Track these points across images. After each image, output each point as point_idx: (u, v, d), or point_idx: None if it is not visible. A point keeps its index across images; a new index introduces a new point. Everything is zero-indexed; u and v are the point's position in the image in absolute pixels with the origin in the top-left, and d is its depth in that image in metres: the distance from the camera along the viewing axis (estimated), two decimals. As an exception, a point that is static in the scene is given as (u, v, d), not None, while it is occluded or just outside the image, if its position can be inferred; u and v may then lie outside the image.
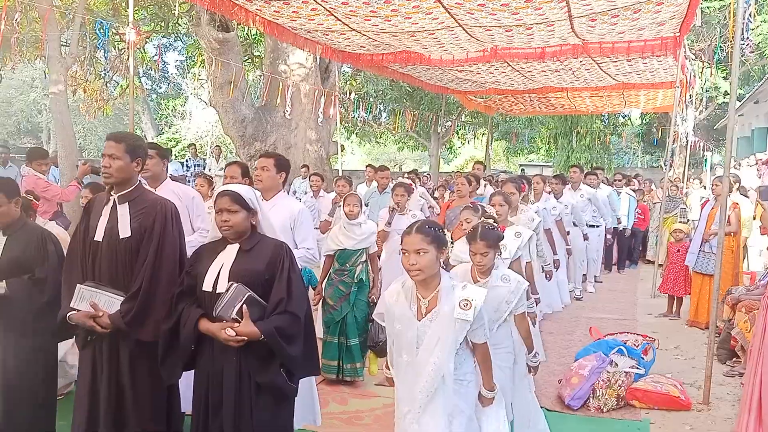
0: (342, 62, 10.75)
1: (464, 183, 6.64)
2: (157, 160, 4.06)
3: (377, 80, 17.59)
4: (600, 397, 4.57)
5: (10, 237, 3.38)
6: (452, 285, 2.70)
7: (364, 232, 5.13)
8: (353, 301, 5.05)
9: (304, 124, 12.55)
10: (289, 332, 2.74)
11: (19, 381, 3.32)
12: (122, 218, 3.03)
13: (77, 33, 9.25)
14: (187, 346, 2.83)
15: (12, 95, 29.09)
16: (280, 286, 2.77)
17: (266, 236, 2.94)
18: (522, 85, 11.20)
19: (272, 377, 2.76)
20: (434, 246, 2.61)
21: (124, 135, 3.16)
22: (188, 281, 2.88)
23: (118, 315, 2.94)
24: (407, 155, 34.25)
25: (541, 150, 24.80)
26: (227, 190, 2.85)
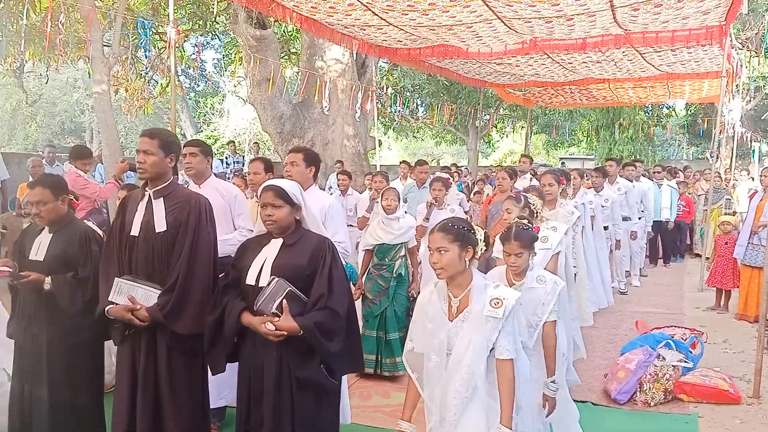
0: (379, 57, 10.74)
1: (505, 177, 6.55)
2: (200, 158, 4.08)
3: (414, 75, 17.52)
4: (647, 391, 4.49)
5: (56, 234, 3.42)
6: (484, 284, 2.62)
7: (403, 226, 5.12)
8: (392, 296, 5.06)
9: (341, 119, 12.58)
10: (328, 328, 2.73)
11: (64, 377, 3.36)
12: (158, 213, 3.07)
13: (119, 33, 9.43)
14: (230, 339, 2.86)
15: (56, 96, 29.88)
16: (321, 281, 2.77)
17: (310, 231, 2.94)
18: (562, 77, 11.01)
19: (312, 372, 2.76)
20: (457, 244, 2.54)
21: (158, 131, 3.19)
22: (234, 274, 2.91)
23: (155, 308, 2.97)
24: (445, 149, 34.04)
25: (582, 143, 24.36)
26: (272, 184, 2.86)
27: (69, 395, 3.36)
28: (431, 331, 2.66)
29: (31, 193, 3.37)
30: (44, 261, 3.35)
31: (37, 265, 3.33)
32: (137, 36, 9.27)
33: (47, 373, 3.33)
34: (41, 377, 3.33)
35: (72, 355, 3.37)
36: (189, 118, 27.43)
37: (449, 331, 2.61)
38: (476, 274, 2.65)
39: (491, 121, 20.45)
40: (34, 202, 3.34)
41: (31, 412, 3.34)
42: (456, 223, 2.64)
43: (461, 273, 2.59)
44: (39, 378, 3.33)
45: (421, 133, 25.52)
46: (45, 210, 3.35)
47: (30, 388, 3.34)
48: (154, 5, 12.87)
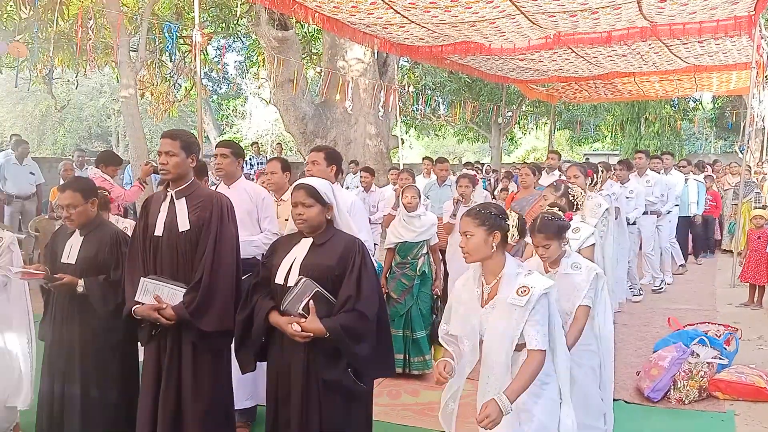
0: (400, 55, 10.73)
1: (528, 173, 6.51)
2: (231, 159, 4.09)
3: (435, 72, 17.46)
4: (681, 388, 4.40)
5: (87, 237, 3.45)
6: (516, 272, 2.55)
7: (424, 224, 5.09)
8: (417, 294, 5.03)
9: (363, 119, 12.59)
10: (356, 331, 2.67)
11: (95, 378, 3.39)
12: (180, 212, 3.10)
13: (145, 37, 9.55)
14: (258, 338, 2.84)
15: (83, 101, 30.36)
16: (349, 283, 2.72)
17: (341, 231, 2.89)
18: (587, 72, 10.89)
19: (339, 375, 2.70)
20: (483, 228, 2.52)
21: (179, 132, 3.23)
22: (263, 272, 2.90)
23: (181, 306, 2.99)
24: (467, 147, 33.89)
25: (607, 138, 24.05)
26: (303, 183, 2.84)
27: (100, 395, 3.38)
28: (464, 316, 2.67)
29: (62, 196, 3.40)
30: (76, 264, 3.38)
31: (69, 268, 3.37)
32: (163, 40, 9.38)
33: (79, 373, 3.35)
34: (73, 378, 3.35)
35: (103, 356, 3.39)
36: (212, 121, 27.68)
37: (480, 317, 2.60)
38: (509, 262, 2.59)
39: (514, 118, 20.30)
40: (65, 206, 3.37)
41: (62, 412, 3.36)
42: (485, 207, 2.62)
43: (490, 258, 2.57)
44: (71, 378, 3.36)
45: (442, 131, 25.44)
46: (75, 213, 3.38)
47: (61, 388, 3.37)
48: (178, 9, 13.00)
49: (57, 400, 3.38)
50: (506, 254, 2.60)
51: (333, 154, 4.04)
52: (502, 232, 2.55)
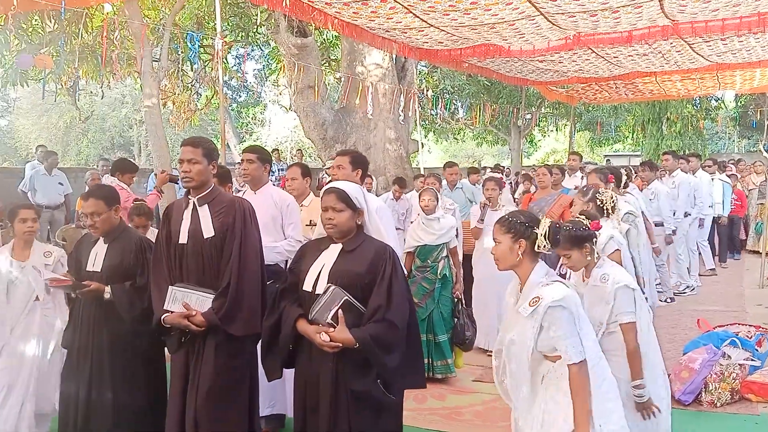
0: (419, 59, 10.74)
1: (545, 173, 6.48)
2: (257, 165, 4.11)
3: (454, 76, 17.44)
4: (713, 391, 4.34)
5: (111, 244, 3.47)
6: (539, 281, 2.53)
7: (443, 226, 5.06)
8: (438, 298, 5.00)
9: (382, 123, 12.61)
10: (385, 341, 2.62)
11: (125, 384, 3.41)
12: (204, 219, 3.10)
13: (167, 47, 9.68)
14: (285, 346, 2.80)
15: (105, 112, 30.86)
16: (379, 292, 2.66)
17: (371, 237, 2.84)
18: (607, 72, 10.77)
19: (368, 386, 2.65)
20: (509, 236, 2.56)
21: (200, 140, 3.23)
22: (291, 278, 2.87)
23: (211, 312, 2.99)
24: (486, 150, 33.77)
25: (628, 139, 23.79)
26: (333, 187, 2.80)
27: (128, 401, 3.40)
28: (505, 324, 2.72)
29: (86, 204, 3.43)
30: (102, 271, 3.41)
31: (94, 276, 3.40)
32: (186, 49, 9.49)
33: (107, 380, 3.38)
34: (101, 384, 3.37)
35: (131, 362, 3.43)
36: (232, 128, 27.90)
37: (508, 324, 2.66)
38: (536, 270, 2.56)
39: (534, 120, 20.16)
40: (89, 214, 3.40)
41: (87, 418, 3.37)
42: (513, 215, 2.64)
43: (517, 266, 2.59)
44: (98, 385, 3.37)
45: (461, 135, 25.39)
46: (99, 221, 3.40)
47: (87, 394, 3.38)
48: (199, 20, 13.16)
49: (82, 406, 3.39)
50: (537, 263, 2.58)
51: (359, 158, 4.04)
52: (528, 240, 2.54)
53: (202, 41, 11.53)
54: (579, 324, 2.48)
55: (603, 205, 4.08)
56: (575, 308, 2.49)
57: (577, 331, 2.47)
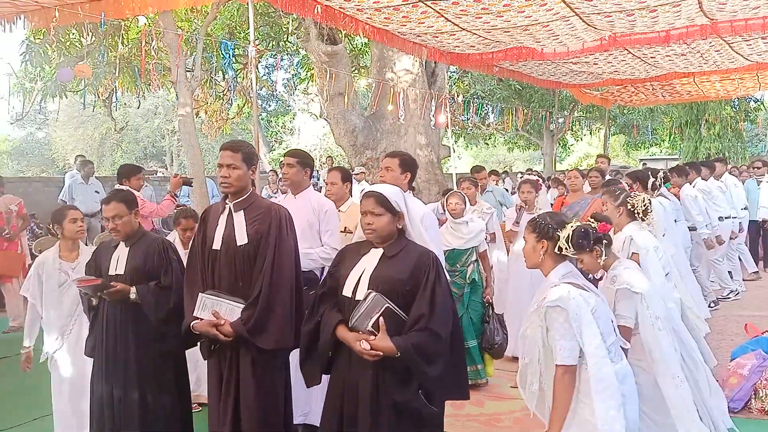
0: (450, 64, 10.67)
1: (577, 176, 6.36)
2: (297, 169, 4.05)
3: (485, 80, 17.32)
4: (764, 397, 4.20)
5: (133, 247, 3.47)
6: (554, 282, 2.57)
7: (472, 230, 4.98)
8: (467, 303, 4.90)
9: (413, 129, 12.56)
10: (428, 351, 2.53)
11: (153, 385, 3.41)
12: (239, 225, 3.03)
13: (200, 57, 9.80)
14: (325, 353, 2.73)
15: (139, 123, 31.55)
16: (422, 300, 2.57)
17: (413, 243, 2.75)
18: (644, 73, 10.57)
19: (409, 397, 2.56)
20: (533, 236, 2.64)
21: (240, 144, 3.17)
22: (331, 282, 2.80)
23: (239, 322, 2.93)
24: (517, 156, 33.48)
25: (665, 142, 23.29)
26: (373, 191, 2.73)
27: (156, 403, 3.41)
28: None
29: (107, 208, 3.44)
30: (125, 274, 3.41)
31: (118, 279, 3.40)
32: (219, 58, 9.59)
33: (135, 382, 3.37)
34: (129, 387, 3.37)
35: (158, 364, 3.42)
36: (262, 137, 28.20)
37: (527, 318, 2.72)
38: (555, 271, 2.61)
39: (567, 124, 19.88)
40: (111, 217, 3.40)
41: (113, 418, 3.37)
42: (543, 216, 2.70)
43: (540, 265, 2.66)
44: (126, 388, 3.37)
45: (492, 140, 25.22)
46: (121, 224, 3.41)
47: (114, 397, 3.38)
48: (230, 30, 13.33)
49: (109, 409, 3.39)
50: (561, 264, 2.62)
51: (408, 160, 3.94)
52: (550, 242, 2.60)
53: (234, 51, 11.64)
54: (580, 327, 2.45)
55: (634, 209, 3.95)
56: (577, 310, 2.46)
57: (573, 334, 2.45)
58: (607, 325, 2.61)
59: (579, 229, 2.60)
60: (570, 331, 2.44)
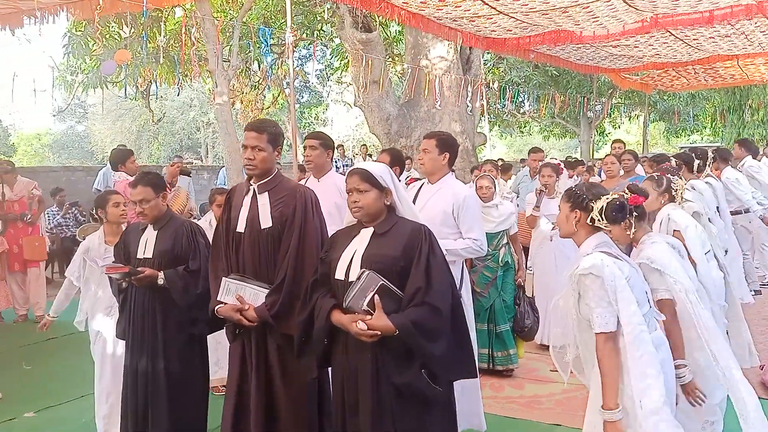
0: (485, 49, 10.56)
1: (614, 161, 6.11)
2: (320, 151, 3.98)
3: (520, 67, 17.10)
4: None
5: (161, 231, 3.41)
6: (586, 252, 2.53)
7: (502, 213, 4.95)
8: (500, 286, 4.89)
9: (447, 117, 12.49)
10: (428, 327, 2.37)
11: (181, 370, 3.37)
12: (263, 208, 2.94)
13: (237, 46, 9.89)
14: (320, 340, 2.58)
15: (175, 115, 32.09)
16: (417, 274, 2.42)
17: (405, 219, 2.63)
18: (686, 56, 10.30)
19: (411, 379, 2.40)
20: (568, 206, 2.60)
21: (265, 124, 3.04)
22: (323, 269, 2.67)
23: (263, 308, 2.84)
24: (553, 144, 33.00)
25: (706, 129, 22.68)
26: (357, 168, 2.63)
27: (186, 387, 3.39)
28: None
29: (134, 192, 3.37)
30: (153, 257, 3.36)
31: (146, 263, 3.35)
32: (257, 46, 9.65)
33: (163, 367, 3.34)
34: (158, 372, 3.34)
35: (187, 348, 3.39)
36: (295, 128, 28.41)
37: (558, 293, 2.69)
38: (589, 241, 2.57)
39: (605, 110, 19.45)
40: (138, 201, 3.34)
41: (146, 405, 3.36)
42: (580, 186, 2.67)
43: (573, 235, 2.62)
44: (156, 373, 3.35)
45: (527, 128, 24.89)
46: (148, 207, 3.35)
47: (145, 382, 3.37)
48: (266, 20, 13.43)
49: (142, 390, 3.38)
50: (594, 234, 2.57)
51: (447, 140, 3.79)
52: (584, 212, 2.56)
53: (270, 40, 11.74)
54: (615, 294, 2.39)
55: (677, 194, 3.84)
56: (611, 277, 2.40)
57: (609, 301, 2.39)
58: (642, 294, 2.55)
59: (614, 202, 2.53)
60: (605, 297, 2.39)
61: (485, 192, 4.90)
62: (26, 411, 4.45)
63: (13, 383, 5.03)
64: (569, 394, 4.27)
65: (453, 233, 3.66)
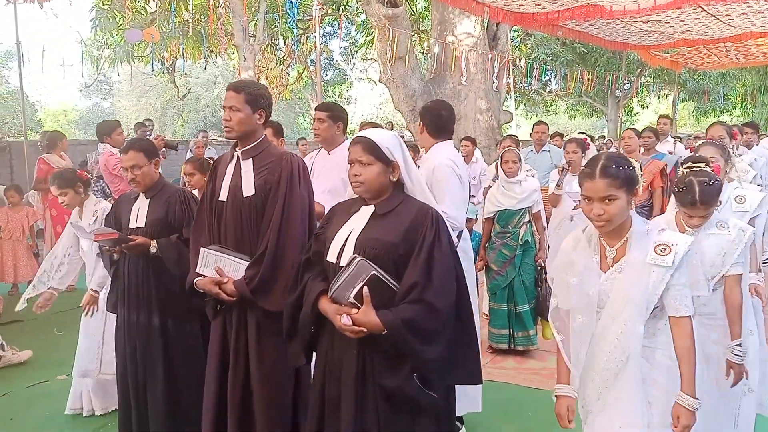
0: (513, 24, 10.43)
1: (631, 136, 5.79)
2: (329, 124, 3.84)
3: (547, 44, 16.84)
4: None
5: (153, 199, 3.28)
6: (647, 230, 2.23)
7: (525, 189, 4.78)
8: (519, 265, 4.76)
9: (473, 94, 12.39)
10: (423, 327, 2.07)
11: (180, 343, 3.23)
12: (246, 175, 2.76)
13: (263, 21, 9.89)
14: (306, 327, 2.30)
15: (199, 92, 32.25)
16: (416, 265, 2.11)
17: (412, 199, 2.29)
18: (717, 33, 10.06)
19: (401, 383, 2.11)
20: (624, 190, 2.16)
21: (244, 84, 2.85)
22: (316, 246, 2.36)
23: (242, 281, 2.66)
24: (579, 124, 32.54)
25: (735, 110, 22.17)
26: (360, 135, 2.30)
27: (178, 360, 3.23)
28: (576, 286, 2.30)
29: (125, 158, 3.23)
30: (146, 226, 3.24)
31: (138, 232, 3.23)
32: (284, 18, 9.64)
33: (160, 340, 3.22)
34: (153, 344, 3.22)
35: (184, 319, 3.24)
36: (318, 105, 28.36)
37: (602, 285, 2.26)
38: (636, 218, 2.26)
39: (635, 88, 19.00)
40: (129, 167, 3.20)
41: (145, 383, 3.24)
42: (619, 163, 2.20)
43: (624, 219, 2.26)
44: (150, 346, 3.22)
45: (553, 108, 24.55)
46: (140, 174, 3.21)
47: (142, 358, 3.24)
48: (290, -7, 13.40)
49: (132, 365, 3.26)
50: (633, 213, 2.28)
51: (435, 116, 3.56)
52: (638, 187, 2.22)
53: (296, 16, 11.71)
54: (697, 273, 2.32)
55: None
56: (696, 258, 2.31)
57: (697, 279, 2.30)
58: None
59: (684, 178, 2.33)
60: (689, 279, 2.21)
61: (510, 167, 4.76)
62: (59, 374, 4.61)
63: (46, 348, 5.19)
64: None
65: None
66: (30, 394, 4.35)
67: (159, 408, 3.19)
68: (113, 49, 13.26)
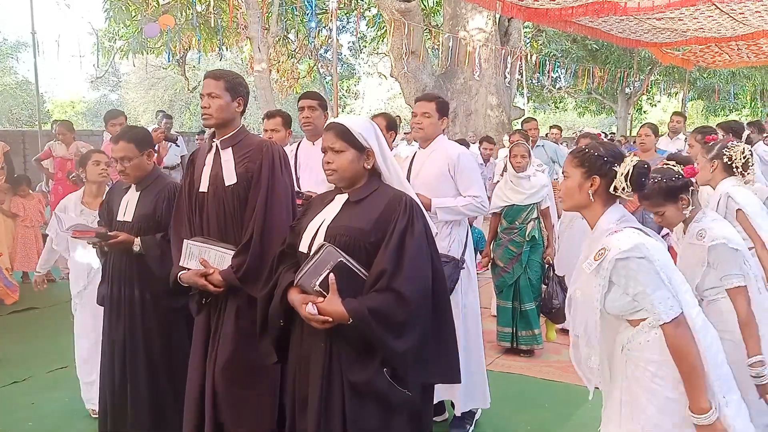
0: (526, 20, 10.44)
1: (648, 134, 5.68)
2: (319, 112, 3.78)
3: (559, 40, 16.83)
4: None
5: (144, 192, 3.16)
6: (608, 228, 2.03)
7: (534, 185, 4.65)
8: (526, 262, 4.63)
9: (484, 89, 12.44)
10: (391, 318, 1.97)
11: (161, 346, 3.13)
12: (226, 164, 2.72)
13: (276, 14, 9.95)
14: (275, 321, 2.21)
15: (212, 84, 32.36)
16: (386, 253, 2.01)
17: (388, 186, 2.21)
18: (730, 31, 10.07)
19: (369, 377, 2.02)
20: (580, 170, 2.08)
21: (223, 72, 2.82)
22: (291, 239, 2.29)
23: (230, 270, 2.61)
24: (588, 120, 32.46)
25: (744, 109, 22.10)
26: (333, 122, 2.23)
27: (166, 363, 3.13)
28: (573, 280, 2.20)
29: (115, 148, 3.10)
30: (133, 221, 3.12)
31: (125, 226, 3.13)
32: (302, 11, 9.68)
33: (142, 341, 3.13)
34: (136, 345, 3.13)
35: (167, 320, 3.13)
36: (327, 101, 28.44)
37: (574, 277, 2.15)
38: (606, 216, 2.07)
39: (645, 85, 18.91)
40: (119, 158, 3.08)
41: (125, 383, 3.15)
42: (593, 147, 2.10)
43: (585, 208, 2.11)
44: (134, 346, 3.14)
45: (563, 104, 24.52)
46: (130, 166, 3.09)
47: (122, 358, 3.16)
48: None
49: (120, 362, 3.17)
50: (612, 207, 2.09)
51: (444, 105, 3.52)
52: (605, 179, 2.05)
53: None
54: (667, 274, 1.99)
55: (732, 162, 3.26)
56: (658, 256, 1.99)
57: (664, 282, 1.97)
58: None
59: (641, 165, 2.06)
60: (658, 280, 1.96)
61: (519, 161, 4.65)
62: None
63: (65, 334, 5.24)
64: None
65: (453, 195, 3.42)
66: (50, 379, 4.38)
67: (141, 406, 3.12)
68: (126, 39, 13.34)
